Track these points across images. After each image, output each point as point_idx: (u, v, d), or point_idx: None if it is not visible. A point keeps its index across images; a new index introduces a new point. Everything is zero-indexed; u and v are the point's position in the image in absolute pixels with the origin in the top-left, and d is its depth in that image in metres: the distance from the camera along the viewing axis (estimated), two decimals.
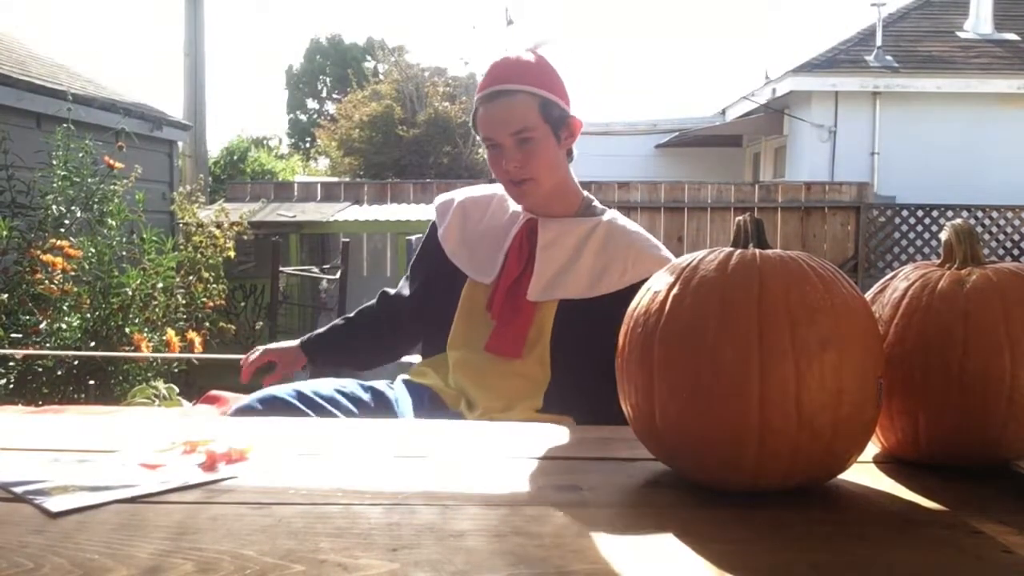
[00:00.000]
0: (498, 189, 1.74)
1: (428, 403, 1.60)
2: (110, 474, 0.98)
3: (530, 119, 1.54)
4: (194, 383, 4.87)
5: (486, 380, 1.57)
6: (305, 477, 1.01)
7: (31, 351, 3.83)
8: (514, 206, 1.68)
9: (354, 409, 1.49)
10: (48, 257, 4.10)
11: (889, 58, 11.32)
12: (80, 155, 4.69)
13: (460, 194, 1.79)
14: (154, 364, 4.40)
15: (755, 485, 0.92)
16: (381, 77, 18.92)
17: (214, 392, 1.54)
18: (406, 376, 1.69)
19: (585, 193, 1.70)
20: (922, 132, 10.88)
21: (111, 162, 4.83)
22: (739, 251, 0.97)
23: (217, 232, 6.36)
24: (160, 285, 4.72)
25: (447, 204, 1.78)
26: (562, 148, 1.60)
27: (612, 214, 1.69)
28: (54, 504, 0.87)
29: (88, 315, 4.29)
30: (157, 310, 4.72)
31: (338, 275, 6.75)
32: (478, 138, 1.64)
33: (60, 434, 1.24)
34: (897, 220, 9.20)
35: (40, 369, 3.96)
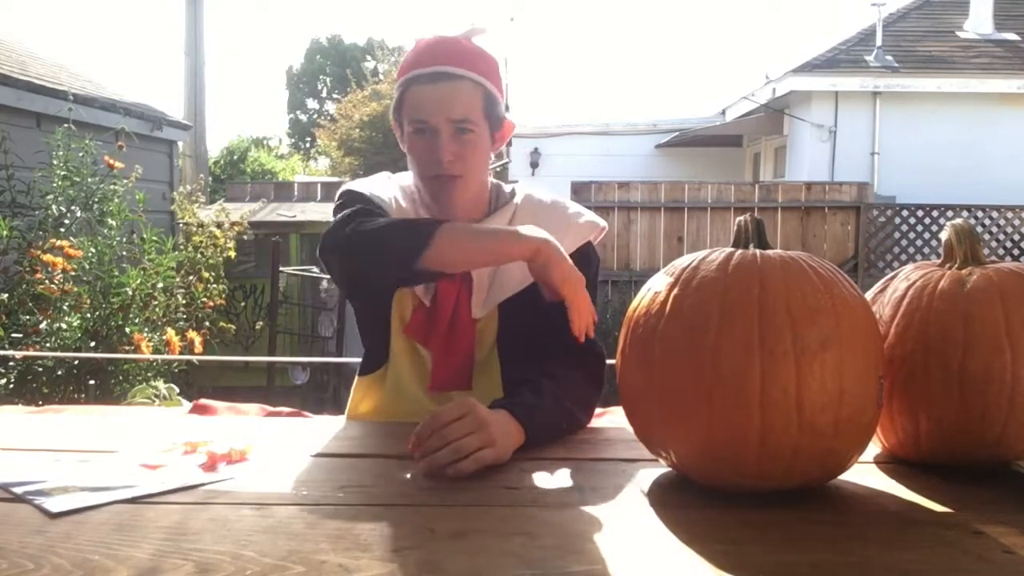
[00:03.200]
0: (400, 184, 1.52)
1: None
2: (110, 474, 0.98)
3: (474, 110, 1.38)
4: (194, 383, 4.88)
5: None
6: (305, 477, 1.01)
7: (31, 352, 3.83)
8: (420, 208, 1.47)
9: None
10: (48, 257, 4.10)
11: (889, 58, 11.32)
12: (80, 155, 4.70)
13: (374, 188, 1.52)
14: (154, 364, 4.40)
15: (755, 485, 0.92)
16: (381, 77, 18.93)
17: (203, 401, 1.52)
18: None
19: (491, 183, 1.53)
20: (922, 132, 10.88)
21: (111, 162, 4.84)
22: (739, 251, 0.97)
23: (217, 232, 6.36)
24: (160, 285, 4.73)
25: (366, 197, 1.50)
26: (493, 150, 1.46)
27: (528, 192, 1.53)
28: (54, 504, 0.87)
29: (88, 315, 4.30)
30: (157, 310, 4.72)
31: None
32: (398, 125, 1.44)
33: (60, 434, 1.24)
34: (897, 220, 9.19)
35: (40, 369, 3.96)
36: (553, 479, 0.99)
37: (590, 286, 1.41)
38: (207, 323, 5.56)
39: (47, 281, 4.13)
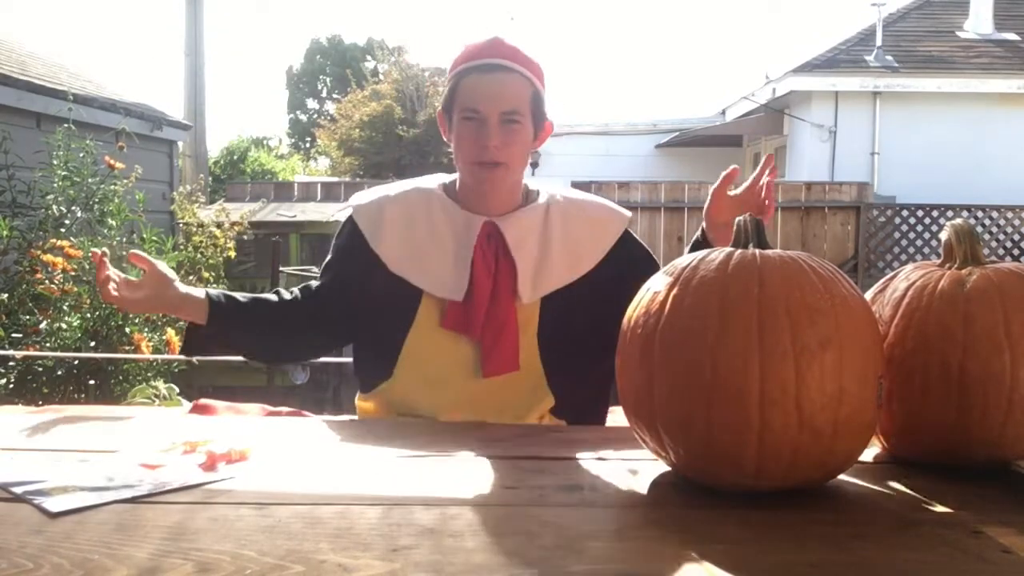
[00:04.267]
0: (416, 186, 1.58)
1: None
2: (110, 474, 0.98)
3: (522, 103, 1.45)
4: (194, 383, 4.87)
5: (484, 404, 1.43)
6: (305, 477, 1.01)
7: (31, 352, 3.83)
8: (449, 208, 1.52)
9: None
10: (48, 257, 4.10)
11: (889, 58, 11.32)
12: (80, 155, 4.70)
13: (385, 194, 1.59)
14: (154, 364, 4.40)
15: (755, 485, 0.92)
16: (381, 77, 18.92)
17: (203, 401, 1.52)
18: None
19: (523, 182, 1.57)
20: (922, 132, 10.88)
21: (111, 162, 4.84)
22: (739, 251, 0.97)
23: (217, 232, 6.36)
24: None
25: (375, 207, 1.56)
26: (533, 147, 1.52)
27: (550, 191, 1.58)
28: (54, 504, 0.87)
29: (88, 315, 4.29)
30: None
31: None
32: (446, 117, 1.51)
33: (60, 434, 1.24)
34: (897, 220, 9.20)
35: (40, 369, 3.96)
36: (553, 479, 0.99)
37: (654, 268, 1.46)
38: None
39: (47, 281, 4.13)
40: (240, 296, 1.57)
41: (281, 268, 6.95)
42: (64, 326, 4.12)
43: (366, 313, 1.54)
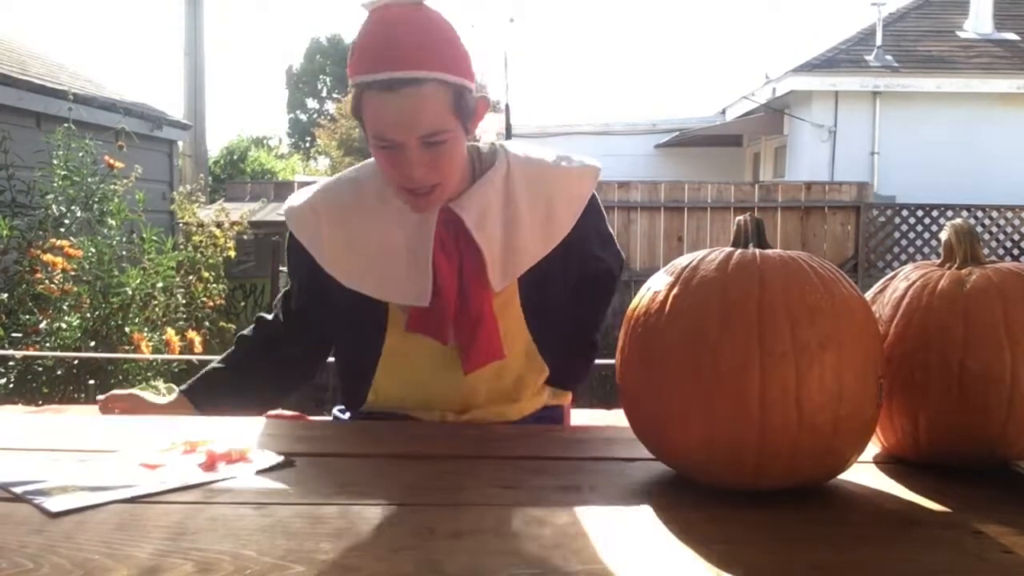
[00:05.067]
0: (350, 180, 1.42)
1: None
2: (110, 474, 0.98)
3: (443, 118, 1.21)
4: None
5: (475, 394, 1.38)
6: (305, 477, 1.01)
7: (31, 352, 3.83)
8: (395, 202, 1.35)
9: None
10: (48, 257, 4.10)
11: (889, 58, 11.32)
12: (80, 155, 4.69)
13: (316, 200, 1.41)
14: (154, 364, 4.40)
15: (755, 485, 0.92)
16: None
17: None
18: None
19: (468, 148, 1.37)
20: (922, 132, 10.88)
21: (111, 162, 4.83)
22: (739, 251, 0.97)
23: (217, 232, 6.35)
24: (160, 285, 4.72)
25: (310, 220, 1.39)
26: (469, 136, 1.30)
27: (502, 151, 1.40)
28: (54, 504, 0.87)
29: (88, 315, 4.29)
30: (157, 310, 4.72)
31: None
32: (359, 122, 1.28)
33: (60, 434, 1.24)
34: (897, 220, 9.19)
35: (40, 369, 3.95)
36: (553, 479, 0.99)
37: (608, 237, 1.46)
38: (207, 323, 5.56)
39: (47, 281, 4.13)
40: (222, 367, 1.49)
41: (281, 268, 6.95)
42: (64, 326, 4.12)
43: (336, 328, 1.44)
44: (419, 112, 1.19)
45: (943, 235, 1.08)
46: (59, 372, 4.03)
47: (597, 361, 1.57)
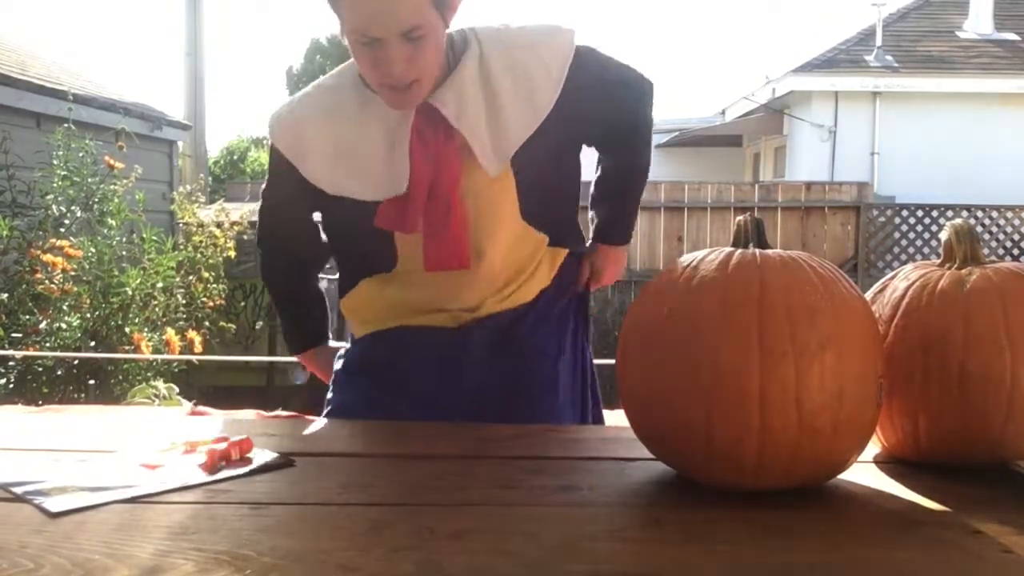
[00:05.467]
0: (329, 88, 1.41)
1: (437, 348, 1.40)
2: (110, 474, 0.98)
3: (423, 11, 1.19)
4: (194, 383, 4.87)
5: (485, 283, 1.39)
6: (305, 477, 1.01)
7: (31, 352, 3.83)
8: (373, 101, 1.33)
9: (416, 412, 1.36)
10: (48, 257, 4.10)
11: (889, 58, 11.32)
12: (80, 155, 4.70)
13: (299, 112, 1.41)
14: (154, 364, 4.40)
15: (755, 485, 0.92)
16: None
17: (199, 408, 1.54)
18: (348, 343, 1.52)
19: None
20: (922, 132, 10.88)
21: (111, 162, 4.84)
22: (739, 251, 0.97)
23: (217, 232, 6.35)
24: (160, 285, 4.73)
25: (290, 130, 1.41)
26: (447, 26, 1.28)
27: (472, 34, 1.37)
28: (54, 504, 0.87)
29: (88, 315, 4.30)
30: (157, 310, 4.72)
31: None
32: (339, 20, 1.25)
33: (60, 434, 1.24)
34: (897, 220, 9.20)
35: (40, 369, 3.96)
36: (553, 479, 0.99)
37: (613, 79, 1.45)
38: (207, 323, 5.56)
39: (47, 281, 4.13)
40: (314, 308, 1.66)
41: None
42: (64, 326, 4.12)
43: (339, 240, 1.51)
44: (399, 6, 1.18)
45: (943, 235, 1.08)
46: (59, 372, 4.03)
47: (596, 361, 1.57)
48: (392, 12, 1.18)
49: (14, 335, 3.99)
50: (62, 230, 4.56)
